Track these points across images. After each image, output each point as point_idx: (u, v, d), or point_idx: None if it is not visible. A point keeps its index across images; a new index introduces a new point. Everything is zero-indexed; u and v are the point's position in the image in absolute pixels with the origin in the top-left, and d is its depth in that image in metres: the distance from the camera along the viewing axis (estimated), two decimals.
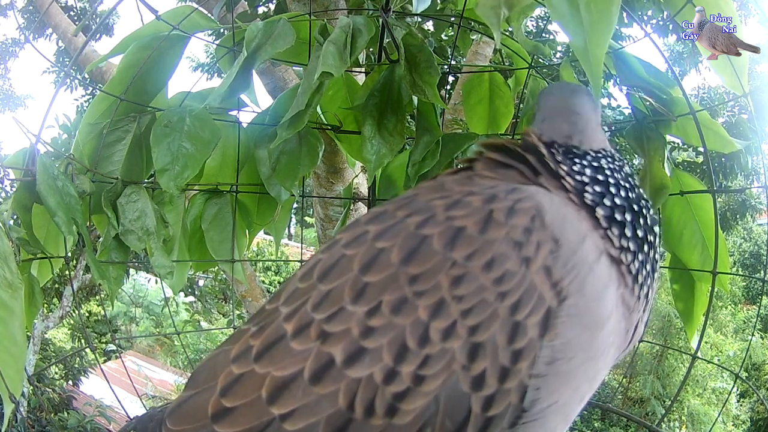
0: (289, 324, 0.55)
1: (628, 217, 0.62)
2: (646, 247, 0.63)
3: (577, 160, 0.65)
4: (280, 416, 0.52)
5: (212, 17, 1.69)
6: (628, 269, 0.60)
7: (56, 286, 6.16)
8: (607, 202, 0.61)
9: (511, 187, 0.58)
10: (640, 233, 0.62)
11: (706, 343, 7.28)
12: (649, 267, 0.63)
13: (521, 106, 1.40)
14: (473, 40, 2.44)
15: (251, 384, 0.54)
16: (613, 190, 0.63)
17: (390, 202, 0.61)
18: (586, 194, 0.61)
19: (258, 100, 1.33)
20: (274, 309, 0.58)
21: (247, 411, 0.53)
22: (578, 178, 0.62)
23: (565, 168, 0.63)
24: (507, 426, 0.51)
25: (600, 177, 0.63)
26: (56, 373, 6.87)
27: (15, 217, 1.04)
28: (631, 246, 0.60)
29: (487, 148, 0.66)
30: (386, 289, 0.52)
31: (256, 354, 0.55)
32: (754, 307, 9.64)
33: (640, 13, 3.77)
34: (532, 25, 5.19)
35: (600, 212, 0.60)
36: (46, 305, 6.00)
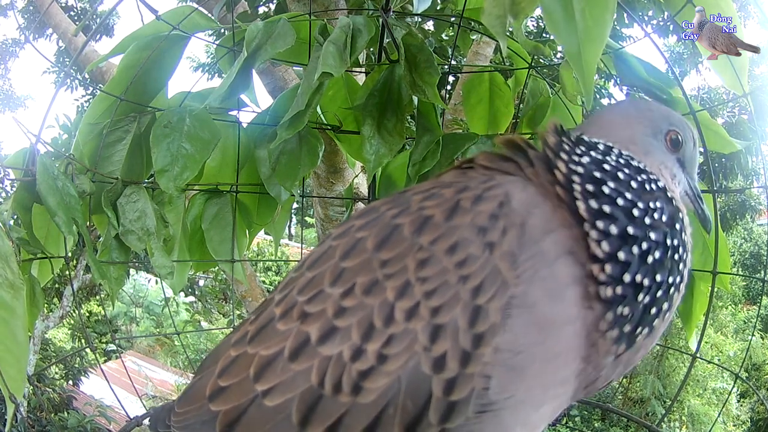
0: (278, 308, 0.58)
1: (613, 228, 0.55)
2: (639, 277, 0.55)
3: (583, 150, 0.62)
4: (262, 392, 0.54)
5: (212, 17, 1.69)
6: (597, 293, 0.54)
7: (56, 286, 6.16)
8: (593, 203, 0.56)
9: (486, 178, 0.59)
10: (622, 255, 0.54)
11: (706, 343, 7.28)
12: (632, 310, 0.54)
13: (521, 106, 1.40)
14: (473, 40, 2.43)
15: (243, 364, 0.57)
16: (607, 190, 0.57)
17: (382, 199, 0.63)
18: (574, 186, 0.57)
19: (258, 100, 1.33)
20: (271, 298, 0.61)
21: (237, 389, 0.57)
22: (572, 167, 0.59)
23: (564, 158, 0.60)
24: (472, 414, 0.51)
25: (599, 174, 0.59)
26: (56, 373, 6.87)
27: (15, 217, 1.04)
28: (608, 268, 0.54)
29: (500, 143, 0.66)
30: (360, 272, 0.54)
31: (251, 337, 0.58)
32: (754, 307, 9.64)
33: (640, 13, 3.77)
34: (533, 25, 5.19)
35: (581, 207, 0.56)
36: (46, 305, 6.00)
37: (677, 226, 0.60)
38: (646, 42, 1.12)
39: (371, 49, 1.46)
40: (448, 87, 3.40)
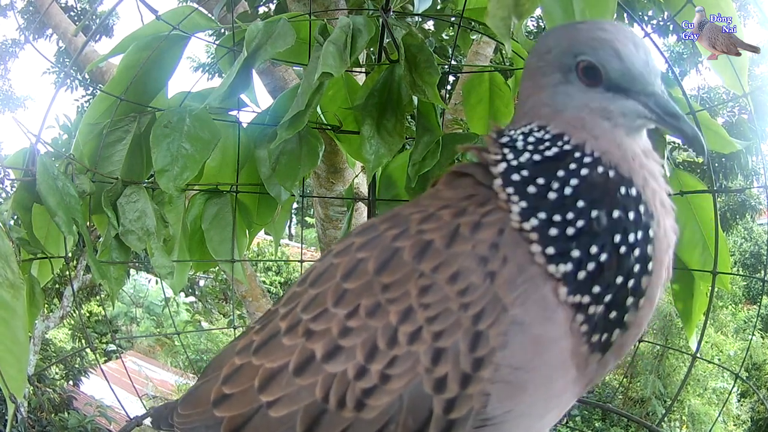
0: (283, 322, 0.60)
1: (551, 249, 0.53)
2: (593, 284, 0.53)
3: (511, 157, 0.57)
4: (267, 403, 0.56)
5: (212, 17, 1.69)
6: (567, 301, 0.53)
7: (56, 286, 6.15)
8: (534, 221, 0.54)
9: (482, 200, 0.57)
10: (563, 268, 0.53)
11: (706, 342, 7.28)
12: (595, 310, 0.53)
13: None
14: (473, 40, 2.43)
15: (248, 374, 0.59)
16: (543, 216, 0.54)
17: (381, 215, 0.64)
18: (512, 207, 0.55)
19: (258, 100, 1.33)
20: (275, 310, 0.63)
21: (241, 397, 0.58)
22: (509, 193, 0.56)
23: (500, 183, 0.57)
24: (471, 429, 0.52)
25: (532, 189, 0.55)
26: (57, 373, 6.86)
27: (15, 217, 1.04)
28: (563, 266, 0.53)
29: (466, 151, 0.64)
30: (362, 295, 0.55)
31: (255, 348, 0.60)
32: (754, 307, 9.62)
33: (640, 13, 3.77)
34: (533, 25, 5.19)
35: (526, 227, 0.54)
36: (46, 305, 6.00)
37: (617, 202, 0.54)
38: (646, 42, 1.12)
39: (371, 49, 1.46)
40: (448, 87, 3.40)
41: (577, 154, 0.56)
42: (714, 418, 6.73)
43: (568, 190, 0.54)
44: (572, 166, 0.55)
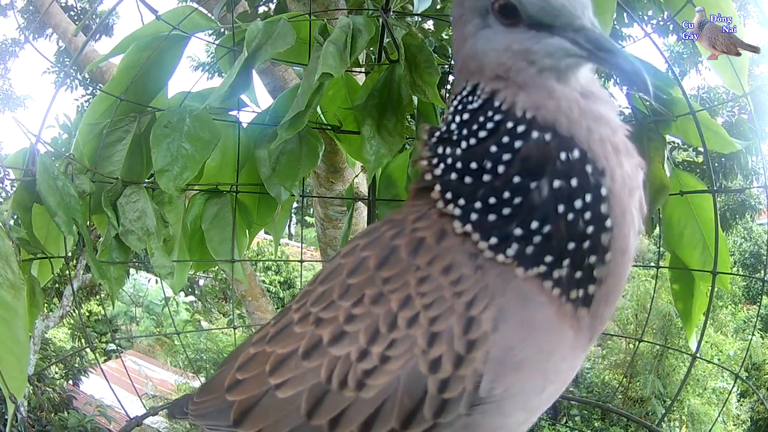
0: (296, 314, 0.64)
1: (494, 240, 0.54)
2: (544, 252, 0.53)
3: (443, 156, 0.58)
4: (275, 385, 0.60)
5: (212, 17, 1.69)
6: (529, 276, 0.54)
7: (56, 285, 6.16)
8: (473, 216, 0.56)
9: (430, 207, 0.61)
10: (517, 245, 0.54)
11: (706, 342, 7.28)
12: (556, 269, 0.53)
13: None
14: None
15: (260, 360, 0.63)
16: (478, 204, 0.56)
17: (383, 219, 0.67)
18: (454, 212, 0.57)
19: (258, 100, 1.33)
20: (289, 307, 0.67)
21: (252, 381, 0.62)
22: (447, 200, 0.58)
23: (437, 175, 0.59)
24: (464, 411, 0.54)
25: (468, 179, 0.56)
26: (56, 372, 6.86)
27: (15, 217, 1.04)
28: (510, 250, 0.54)
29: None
30: (365, 287, 0.59)
31: (270, 338, 0.64)
32: (754, 306, 9.63)
33: (640, 13, 3.77)
34: None
35: (468, 229, 0.56)
36: (46, 305, 5.99)
37: (557, 170, 0.52)
38: (646, 42, 1.13)
39: (371, 49, 1.46)
40: (448, 87, 3.40)
41: (510, 125, 0.54)
42: (714, 418, 6.74)
43: (501, 168, 0.54)
44: (505, 139, 0.54)
